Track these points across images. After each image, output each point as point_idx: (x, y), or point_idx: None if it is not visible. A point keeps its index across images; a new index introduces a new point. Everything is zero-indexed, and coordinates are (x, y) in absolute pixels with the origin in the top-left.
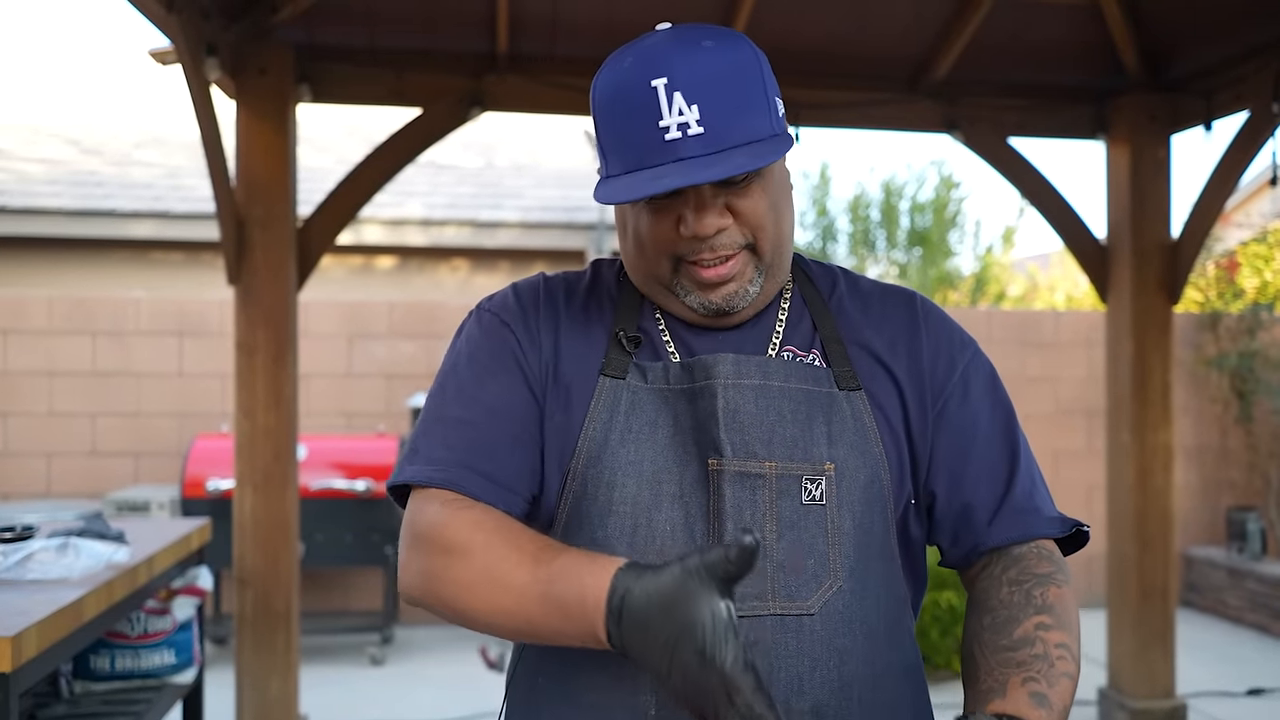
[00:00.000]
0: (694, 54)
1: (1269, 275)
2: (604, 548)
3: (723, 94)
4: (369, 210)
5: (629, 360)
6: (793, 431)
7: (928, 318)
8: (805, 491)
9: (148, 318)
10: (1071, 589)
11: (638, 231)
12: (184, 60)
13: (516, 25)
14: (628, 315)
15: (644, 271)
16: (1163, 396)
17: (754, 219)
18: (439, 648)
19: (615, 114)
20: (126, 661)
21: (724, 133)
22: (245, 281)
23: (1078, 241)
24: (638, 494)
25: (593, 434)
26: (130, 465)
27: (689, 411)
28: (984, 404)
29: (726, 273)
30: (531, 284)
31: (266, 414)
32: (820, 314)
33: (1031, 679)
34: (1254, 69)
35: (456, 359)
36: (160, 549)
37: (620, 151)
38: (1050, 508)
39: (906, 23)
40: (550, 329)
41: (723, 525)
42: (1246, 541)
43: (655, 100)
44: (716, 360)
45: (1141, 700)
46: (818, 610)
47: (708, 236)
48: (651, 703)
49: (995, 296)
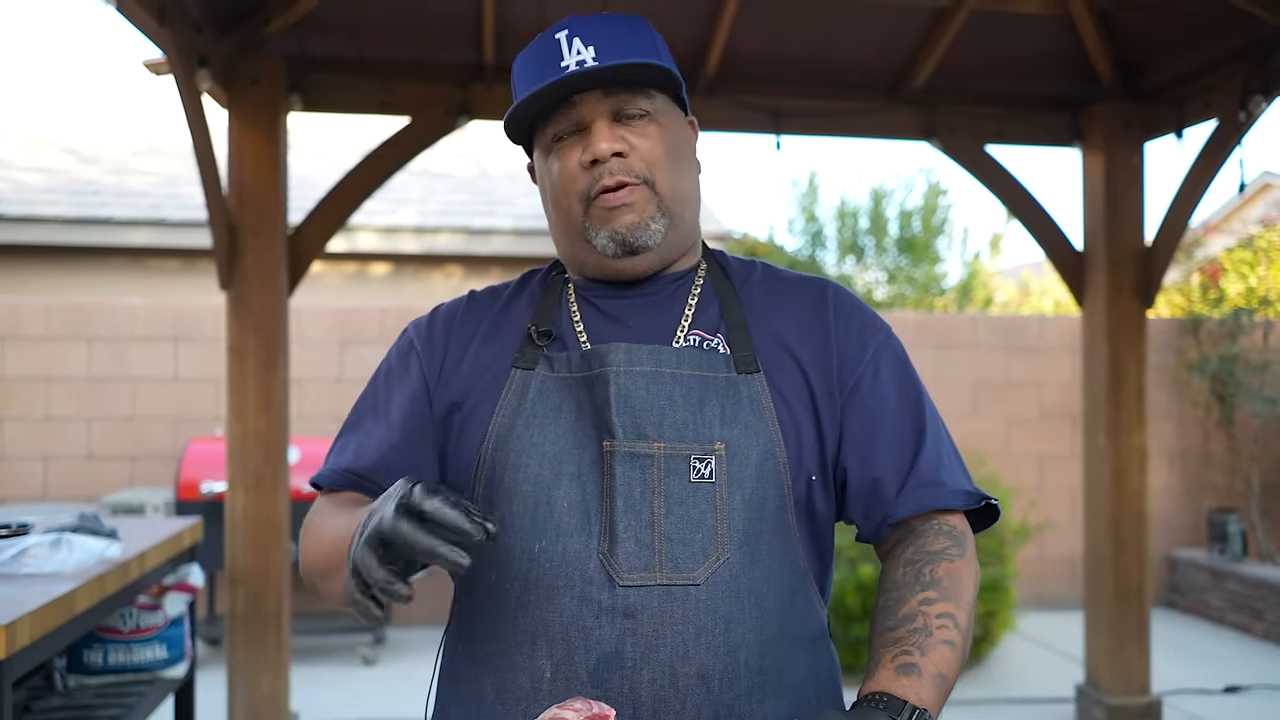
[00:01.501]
0: (595, 18)
1: (1254, 281)
2: (510, 525)
3: (616, 37)
4: (363, 218)
5: (539, 353)
6: (683, 414)
7: (839, 305)
8: (694, 470)
9: (144, 323)
10: (969, 561)
11: (552, 182)
12: (176, 71)
13: (503, 36)
14: (545, 312)
15: (563, 222)
16: (1137, 400)
17: (650, 155)
18: (430, 648)
19: (525, 66)
20: (119, 656)
21: (612, 56)
22: (237, 287)
23: (1054, 248)
24: (539, 473)
25: (501, 420)
26: (126, 469)
27: (588, 397)
28: (892, 385)
29: (625, 196)
30: (452, 304)
31: (257, 417)
32: (728, 301)
33: (904, 652)
34: (1223, 78)
35: (375, 376)
36: (152, 545)
37: (524, 90)
38: (958, 482)
39: (885, 33)
40: (464, 340)
41: (614, 502)
42: (1228, 543)
43: (557, 49)
44: (611, 349)
45: (1118, 697)
46: (704, 581)
47: (603, 159)
48: (548, 666)
49: (982, 302)
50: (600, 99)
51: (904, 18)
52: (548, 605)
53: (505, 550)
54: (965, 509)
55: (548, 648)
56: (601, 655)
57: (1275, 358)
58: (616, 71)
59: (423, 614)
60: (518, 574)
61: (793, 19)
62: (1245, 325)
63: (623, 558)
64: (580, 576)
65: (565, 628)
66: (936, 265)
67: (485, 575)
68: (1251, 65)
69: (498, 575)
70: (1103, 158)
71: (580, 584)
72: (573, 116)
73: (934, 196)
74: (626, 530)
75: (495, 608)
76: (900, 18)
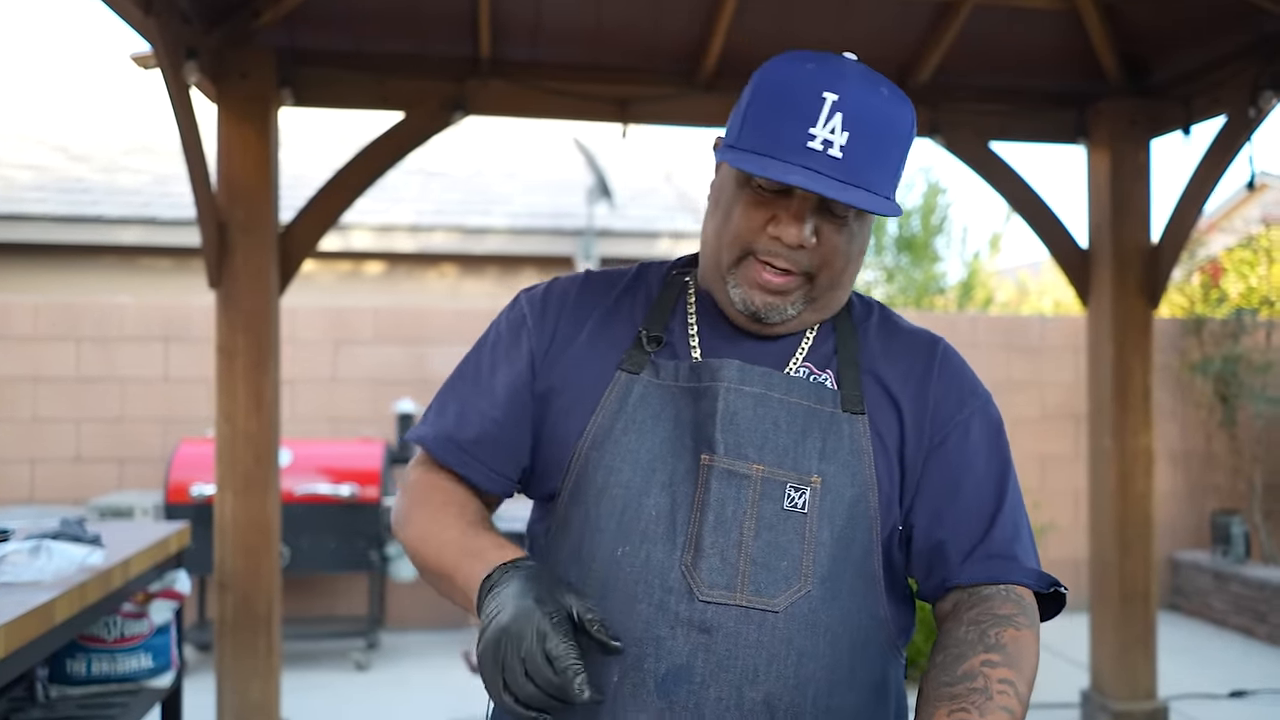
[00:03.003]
0: (869, 92)
1: (1254, 281)
2: (594, 524)
3: (874, 137)
4: (357, 216)
5: (647, 358)
6: (786, 441)
7: (945, 361)
8: (788, 498)
9: (133, 323)
10: (1034, 633)
11: (730, 211)
12: (163, 64)
13: (499, 30)
14: (659, 316)
15: (713, 250)
16: (1143, 400)
17: (830, 253)
18: (424, 653)
19: (775, 101)
20: (103, 665)
21: (856, 168)
22: (226, 285)
23: (1059, 246)
24: (631, 479)
25: (601, 421)
26: (114, 471)
27: (691, 409)
28: (981, 450)
29: (782, 285)
30: (567, 281)
31: (247, 418)
32: (844, 339)
33: (961, 710)
34: (1231, 74)
35: (484, 339)
36: (136, 552)
37: (761, 133)
38: (1030, 560)
39: (889, 27)
40: (577, 322)
41: (704, 516)
42: (1231, 545)
43: (818, 110)
44: (723, 364)
45: (1123, 702)
46: (783, 609)
47: (791, 245)
48: (616, 671)
49: (982, 302)
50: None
51: (908, 12)
52: (624, 610)
53: (587, 551)
54: (1034, 589)
55: (598, 662)
56: (671, 667)
57: (1278, 358)
58: (843, 199)
59: (416, 618)
60: (596, 575)
61: (795, 13)
62: (1248, 325)
63: (705, 572)
64: (660, 585)
65: (639, 634)
66: (936, 265)
67: (563, 575)
68: (1261, 61)
69: (576, 576)
70: (1108, 155)
71: (660, 593)
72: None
73: (933, 196)
74: (713, 546)
75: None
76: (904, 13)
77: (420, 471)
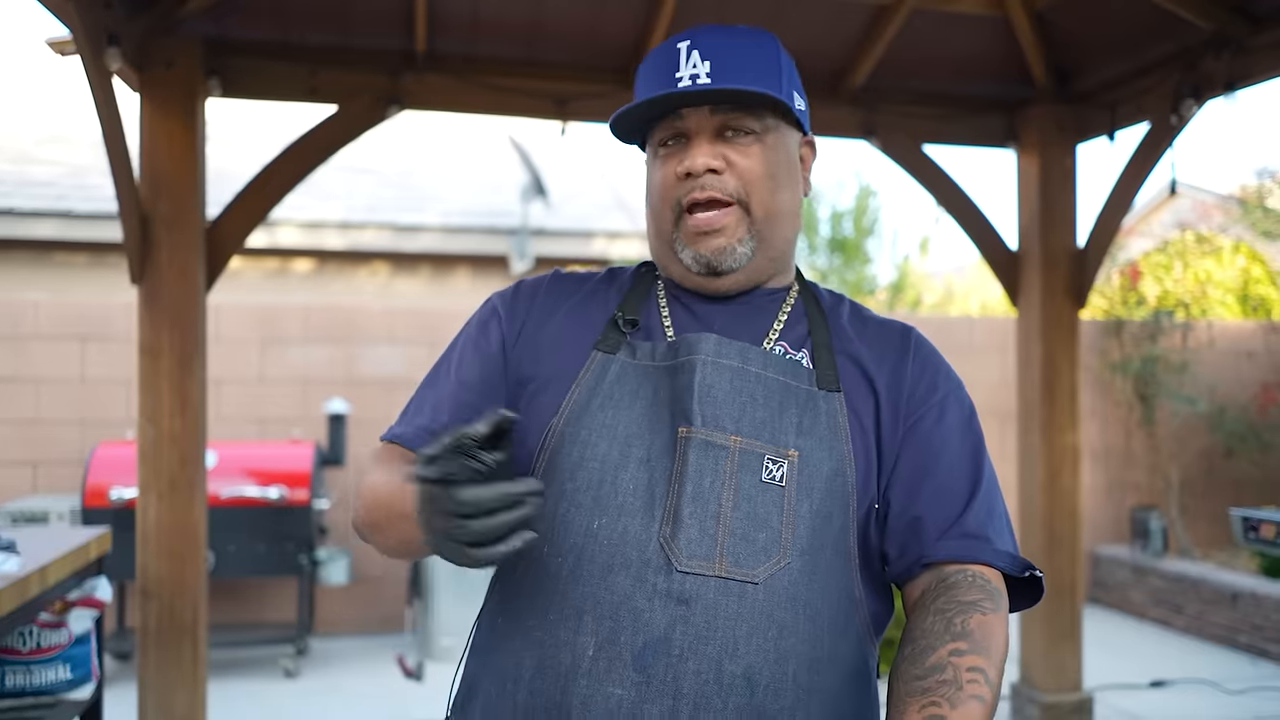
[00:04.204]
0: (721, 31)
1: (1169, 284)
2: (569, 498)
3: (734, 56)
4: (285, 212)
5: (623, 339)
6: (763, 414)
7: (919, 347)
8: (766, 470)
9: (47, 321)
10: (1001, 616)
11: (650, 182)
12: (83, 50)
13: (436, 23)
14: (633, 303)
15: (656, 230)
16: (1070, 399)
17: (749, 174)
18: (355, 658)
19: (644, 71)
20: (18, 678)
21: (725, 78)
22: (150, 282)
23: (989, 248)
24: (607, 453)
25: (577, 397)
26: (28, 474)
27: (669, 385)
28: (955, 432)
29: (716, 220)
30: (537, 279)
31: (172, 419)
32: (817, 323)
33: (932, 704)
34: (1154, 82)
35: (454, 341)
36: (54, 559)
37: (639, 98)
38: (1004, 543)
39: (825, 30)
40: (547, 310)
41: (683, 488)
42: (1149, 540)
43: (676, 58)
44: (701, 339)
45: (1051, 694)
46: (762, 581)
47: (698, 173)
48: (591, 644)
49: (911, 303)
50: (707, 115)
51: (845, 15)
52: (600, 582)
53: (563, 525)
54: (1006, 571)
55: (594, 624)
56: (649, 639)
57: (1193, 358)
58: (721, 94)
59: (348, 622)
60: (572, 549)
61: (732, 15)
62: (1165, 327)
63: (684, 543)
64: (638, 557)
65: (615, 606)
66: (867, 266)
67: (537, 548)
68: (1183, 70)
69: (550, 549)
70: (1037, 159)
71: (637, 564)
72: (678, 127)
73: (864, 198)
74: (692, 517)
75: (544, 581)
76: (841, 15)
77: (376, 456)
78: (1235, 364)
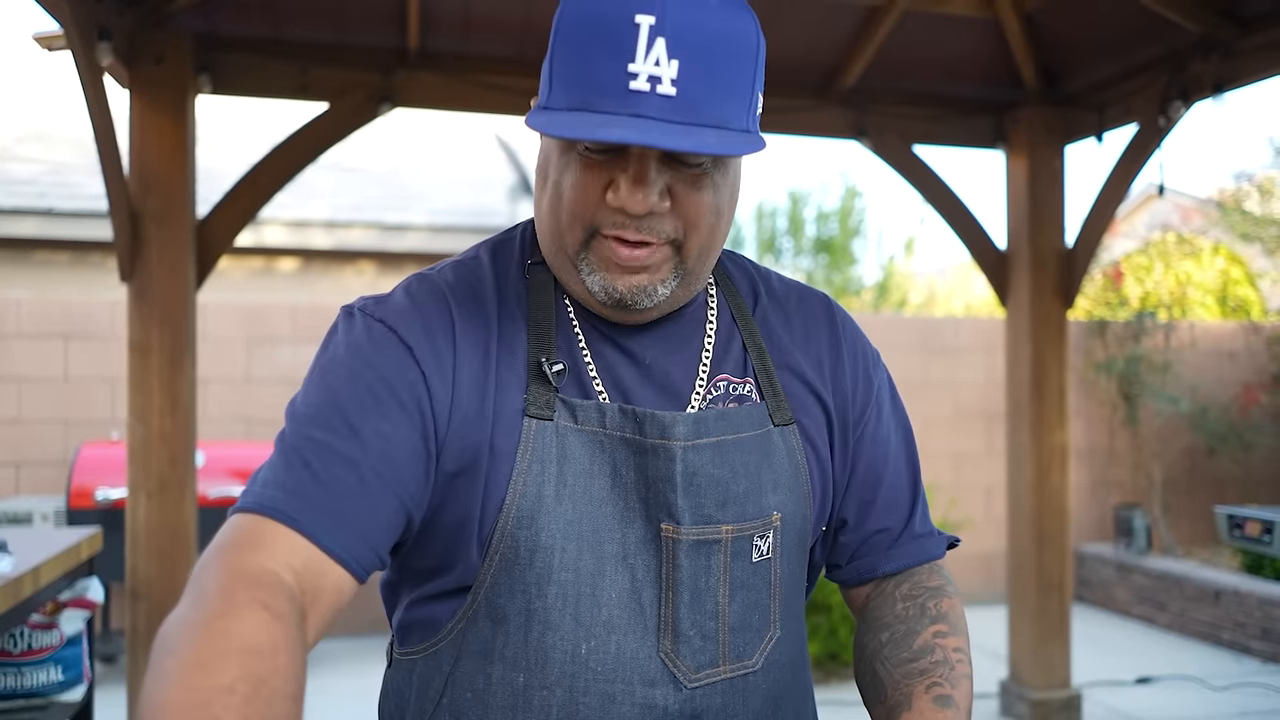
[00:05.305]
0: (694, 6)
1: (1150, 285)
2: (542, 619)
3: (710, 60)
4: (271, 211)
5: (554, 395)
6: (745, 486)
7: (845, 330)
8: (755, 550)
9: (29, 319)
10: (960, 599)
11: (559, 185)
12: (73, 45)
13: (428, 21)
14: (543, 333)
15: (552, 234)
16: (1059, 398)
17: (694, 215)
18: (344, 660)
19: (580, 40)
20: (9, 680)
21: (696, 105)
22: (140, 279)
23: (979, 248)
24: (579, 559)
25: (523, 489)
26: (10, 475)
27: (632, 463)
28: (893, 425)
29: (643, 259)
30: (430, 291)
31: (162, 418)
32: (749, 334)
33: (935, 684)
34: (1142, 84)
35: (333, 373)
36: (46, 559)
37: (572, 84)
38: (932, 527)
39: (818, 31)
40: (474, 357)
41: (678, 597)
42: (1133, 538)
43: (633, 39)
44: (677, 421)
45: (1040, 691)
46: (760, 665)
47: (637, 215)
48: None
49: (897, 303)
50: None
51: (837, 16)
52: (603, 713)
53: (542, 652)
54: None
55: None
56: None
57: (1176, 358)
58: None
59: (335, 625)
60: (560, 680)
61: None
62: (1148, 327)
63: (688, 656)
64: (640, 680)
65: None
66: (853, 267)
67: (511, 679)
68: (1171, 72)
69: (529, 680)
70: (1026, 160)
71: (641, 688)
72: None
73: (850, 199)
74: (693, 626)
75: None
76: (833, 16)
77: (223, 574)
78: (1217, 364)
